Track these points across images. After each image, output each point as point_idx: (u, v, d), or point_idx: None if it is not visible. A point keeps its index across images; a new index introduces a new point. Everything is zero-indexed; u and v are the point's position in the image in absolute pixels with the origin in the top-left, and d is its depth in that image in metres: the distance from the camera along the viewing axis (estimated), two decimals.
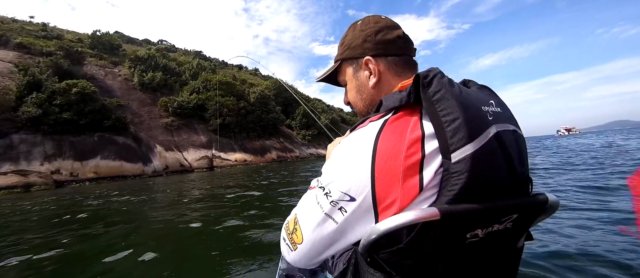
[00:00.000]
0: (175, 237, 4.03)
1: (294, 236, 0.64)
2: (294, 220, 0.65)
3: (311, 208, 0.61)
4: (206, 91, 42.83)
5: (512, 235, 0.58)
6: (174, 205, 6.94)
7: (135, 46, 64.75)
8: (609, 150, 9.06)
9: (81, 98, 28.44)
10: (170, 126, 36.64)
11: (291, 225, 0.66)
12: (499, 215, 0.52)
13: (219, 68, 72.39)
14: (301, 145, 53.58)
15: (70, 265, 3.14)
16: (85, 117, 28.32)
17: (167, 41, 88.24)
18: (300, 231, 0.62)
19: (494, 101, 0.60)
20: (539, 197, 0.58)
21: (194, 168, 33.13)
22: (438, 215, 0.47)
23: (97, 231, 4.66)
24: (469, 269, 0.56)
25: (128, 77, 41.83)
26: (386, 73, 0.73)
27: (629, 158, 8.28)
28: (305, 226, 0.62)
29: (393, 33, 0.73)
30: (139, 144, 31.31)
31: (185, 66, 51.60)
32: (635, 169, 1.32)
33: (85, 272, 2.90)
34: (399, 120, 0.55)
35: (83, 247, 3.79)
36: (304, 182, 9.46)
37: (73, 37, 49.09)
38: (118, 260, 3.11)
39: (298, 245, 0.62)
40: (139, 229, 4.77)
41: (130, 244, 3.65)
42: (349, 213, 0.55)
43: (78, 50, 39.61)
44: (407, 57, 0.74)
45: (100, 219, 5.85)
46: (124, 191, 12.10)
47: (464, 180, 0.48)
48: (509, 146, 0.55)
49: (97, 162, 26.86)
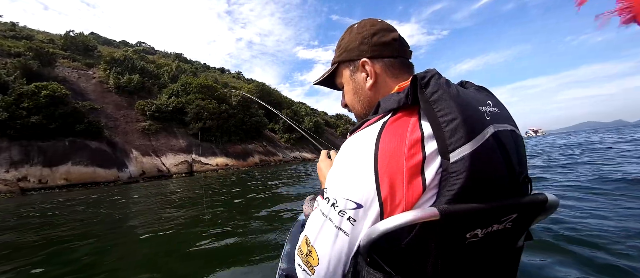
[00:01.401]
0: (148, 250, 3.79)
1: (310, 259, 0.60)
2: (306, 241, 0.62)
3: (321, 225, 0.59)
4: (186, 94, 41.85)
5: (512, 234, 0.58)
6: (142, 214, 6.65)
7: (112, 48, 62.59)
8: (564, 149, 9.44)
9: (51, 101, 27.09)
10: (147, 130, 35.49)
11: (304, 248, 0.62)
12: (498, 215, 0.52)
13: (201, 71, 71.22)
14: (285, 149, 53.22)
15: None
16: (56, 121, 26.97)
17: (147, 43, 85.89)
18: (315, 252, 0.59)
19: (491, 101, 0.60)
20: (538, 197, 0.58)
21: (173, 173, 32.20)
22: (437, 215, 0.47)
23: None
24: (469, 269, 0.56)
25: (103, 80, 40.31)
26: (382, 75, 0.74)
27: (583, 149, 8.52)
28: (319, 245, 0.59)
29: (389, 35, 0.74)
30: (114, 149, 30.11)
31: (165, 69, 50.26)
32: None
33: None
34: (398, 121, 0.56)
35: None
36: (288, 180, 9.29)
37: (44, 37, 47.07)
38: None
39: (315, 268, 0.59)
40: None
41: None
42: (358, 222, 0.54)
43: (49, 51, 37.91)
44: (402, 59, 0.76)
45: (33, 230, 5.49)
46: (90, 200, 11.54)
47: (462, 179, 0.48)
48: (507, 146, 0.55)
49: (68, 168, 25.62)
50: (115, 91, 39.22)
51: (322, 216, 0.59)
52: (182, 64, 58.91)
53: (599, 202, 3.22)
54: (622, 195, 3.35)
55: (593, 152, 8.45)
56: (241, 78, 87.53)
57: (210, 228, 4.17)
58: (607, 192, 3.56)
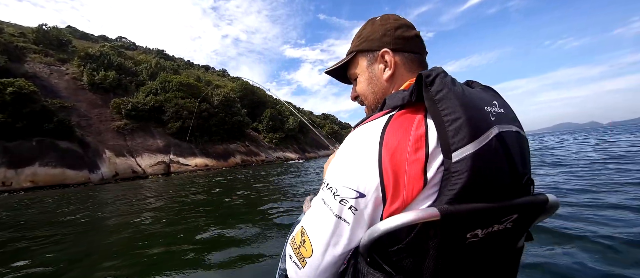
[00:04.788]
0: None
1: (302, 249, 0.58)
2: (301, 232, 0.60)
3: (319, 214, 0.58)
4: (165, 92, 40.83)
5: (512, 235, 0.58)
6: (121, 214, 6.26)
7: (90, 43, 60.36)
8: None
9: (18, 98, 25.87)
10: (123, 130, 34.46)
11: (298, 238, 0.60)
12: (499, 215, 0.52)
13: (183, 68, 69.69)
14: (268, 149, 52.78)
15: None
16: (22, 119, 25.80)
17: (127, 39, 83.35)
18: (310, 242, 0.57)
19: (497, 101, 0.60)
20: (539, 197, 0.58)
21: (149, 174, 31.36)
22: (438, 215, 0.47)
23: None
24: (469, 269, 0.55)
25: (76, 76, 38.88)
26: (401, 68, 0.74)
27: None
28: (314, 235, 0.57)
29: (411, 32, 0.75)
30: (86, 150, 29.04)
31: (143, 66, 48.84)
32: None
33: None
34: (404, 116, 0.56)
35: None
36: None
37: (15, 31, 44.80)
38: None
39: (307, 260, 0.57)
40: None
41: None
42: (359, 211, 0.54)
43: (18, 45, 36.22)
44: (420, 56, 0.76)
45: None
46: (46, 202, 10.96)
47: (464, 179, 0.48)
48: (511, 147, 0.55)
49: (35, 169, 24.56)
50: (89, 89, 37.89)
51: (322, 204, 0.58)
52: (162, 61, 57.38)
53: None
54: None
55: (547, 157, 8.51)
56: (226, 76, 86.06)
57: (209, 227, 4.06)
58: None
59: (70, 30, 68.30)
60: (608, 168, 5.50)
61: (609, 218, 2.80)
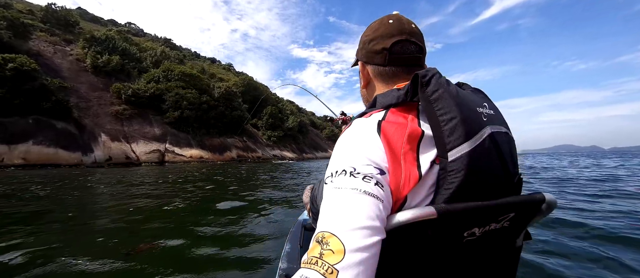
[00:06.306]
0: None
1: (328, 255, 0.42)
2: (321, 236, 0.45)
3: (339, 203, 0.47)
4: (167, 81, 40.83)
5: (510, 233, 0.59)
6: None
7: (98, 26, 60.64)
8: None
9: (18, 75, 25.87)
10: (121, 115, 34.40)
11: (316, 250, 0.44)
12: (495, 214, 0.53)
13: (189, 59, 69.80)
14: (265, 146, 52.64)
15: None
16: (21, 96, 25.79)
17: (136, 25, 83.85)
18: (338, 239, 0.43)
19: (487, 103, 0.61)
20: (535, 196, 0.59)
21: (142, 161, 31.29)
22: (435, 214, 0.47)
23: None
24: (467, 268, 0.56)
25: (80, 58, 38.85)
26: (373, 80, 0.77)
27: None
28: (341, 227, 0.44)
29: (381, 44, 0.72)
30: (82, 132, 29.02)
31: (148, 53, 48.89)
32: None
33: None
34: (398, 114, 0.58)
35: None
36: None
37: (24, 7, 45.05)
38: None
39: (337, 266, 0.41)
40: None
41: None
42: (385, 188, 0.49)
43: (24, 22, 36.30)
44: (394, 69, 0.72)
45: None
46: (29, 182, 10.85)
47: (460, 178, 0.49)
48: (502, 147, 0.56)
49: (28, 147, 24.53)
50: (91, 71, 37.87)
51: (339, 192, 0.48)
52: (168, 50, 57.43)
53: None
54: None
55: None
56: (231, 70, 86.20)
57: (208, 226, 3.91)
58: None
59: (80, 12, 68.75)
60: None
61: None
